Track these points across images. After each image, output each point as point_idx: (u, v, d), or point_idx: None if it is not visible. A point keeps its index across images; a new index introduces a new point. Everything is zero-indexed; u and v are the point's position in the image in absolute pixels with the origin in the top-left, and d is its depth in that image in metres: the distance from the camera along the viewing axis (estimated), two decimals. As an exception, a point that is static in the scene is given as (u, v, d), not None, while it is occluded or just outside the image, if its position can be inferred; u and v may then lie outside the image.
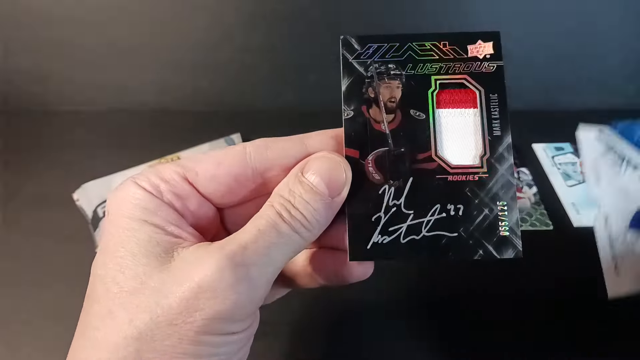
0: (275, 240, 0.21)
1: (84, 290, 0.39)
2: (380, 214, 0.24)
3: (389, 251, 0.24)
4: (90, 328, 0.20)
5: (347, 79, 0.25)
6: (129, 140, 0.55)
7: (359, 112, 0.25)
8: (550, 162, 0.53)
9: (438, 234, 0.24)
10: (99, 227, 0.43)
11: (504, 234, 0.24)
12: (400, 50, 0.25)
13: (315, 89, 0.61)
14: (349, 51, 0.26)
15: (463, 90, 0.25)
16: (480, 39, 0.26)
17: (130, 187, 0.22)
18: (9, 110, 0.58)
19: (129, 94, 0.60)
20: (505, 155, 0.24)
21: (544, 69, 0.60)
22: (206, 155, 0.24)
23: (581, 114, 0.59)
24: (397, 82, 0.25)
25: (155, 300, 0.19)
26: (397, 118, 0.25)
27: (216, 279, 0.19)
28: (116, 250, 0.21)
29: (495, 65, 0.26)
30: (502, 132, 0.25)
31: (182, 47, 0.59)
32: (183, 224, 0.23)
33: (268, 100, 0.61)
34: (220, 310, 0.19)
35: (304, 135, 0.25)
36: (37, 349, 0.36)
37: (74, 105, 0.59)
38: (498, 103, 0.25)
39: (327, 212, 0.23)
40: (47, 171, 0.51)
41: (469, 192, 0.24)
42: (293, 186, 0.22)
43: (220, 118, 0.58)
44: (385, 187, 0.24)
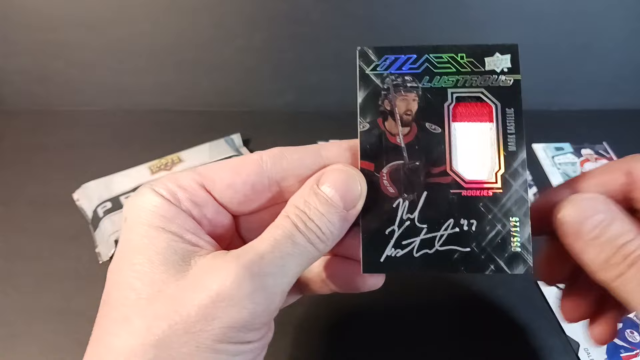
0: (290, 250, 0.21)
1: (84, 290, 0.40)
2: (394, 227, 0.24)
3: (402, 265, 0.24)
4: (107, 334, 0.20)
5: (364, 91, 0.25)
6: (129, 140, 0.55)
7: (374, 125, 0.25)
8: (550, 162, 0.53)
9: (451, 249, 0.24)
10: (99, 227, 0.43)
11: (515, 250, 0.24)
12: (417, 63, 0.25)
13: (316, 90, 0.61)
14: (365, 62, 0.25)
15: (479, 103, 0.25)
16: (498, 51, 0.25)
17: (148, 195, 0.23)
18: (9, 110, 0.58)
19: (129, 94, 0.60)
20: (519, 171, 0.24)
21: (544, 69, 0.60)
22: (223, 163, 0.24)
23: (581, 114, 0.59)
24: (413, 95, 0.25)
25: (173, 308, 0.19)
26: (413, 131, 0.25)
27: (234, 288, 0.20)
28: (134, 257, 0.21)
29: (513, 79, 0.25)
30: (517, 148, 0.24)
31: (182, 47, 0.59)
32: (200, 232, 0.23)
33: (268, 101, 0.61)
34: (237, 319, 0.20)
35: (319, 146, 0.25)
36: (37, 349, 0.36)
37: (74, 105, 0.59)
38: (514, 118, 0.25)
39: (342, 224, 0.23)
40: (47, 171, 0.51)
41: (482, 208, 0.24)
42: (308, 197, 0.23)
43: (220, 118, 0.58)
44: (400, 200, 0.24)
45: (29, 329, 0.37)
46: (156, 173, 0.47)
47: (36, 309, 0.38)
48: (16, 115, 0.58)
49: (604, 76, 0.61)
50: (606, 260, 0.21)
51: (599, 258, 0.21)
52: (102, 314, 0.21)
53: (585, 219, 0.22)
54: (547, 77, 0.61)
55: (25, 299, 0.39)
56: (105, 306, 0.21)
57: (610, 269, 0.21)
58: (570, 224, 0.22)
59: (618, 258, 0.21)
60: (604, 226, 0.21)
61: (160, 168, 0.48)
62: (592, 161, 0.53)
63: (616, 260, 0.21)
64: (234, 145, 0.53)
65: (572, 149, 0.55)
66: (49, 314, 0.38)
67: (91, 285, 0.40)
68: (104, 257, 0.41)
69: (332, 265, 0.27)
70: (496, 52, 0.25)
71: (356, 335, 0.37)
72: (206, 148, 0.51)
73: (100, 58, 0.58)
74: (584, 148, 0.55)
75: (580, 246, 0.22)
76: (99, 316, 0.21)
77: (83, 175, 0.47)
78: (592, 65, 0.60)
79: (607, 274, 0.21)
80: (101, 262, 0.41)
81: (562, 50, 0.60)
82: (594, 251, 0.21)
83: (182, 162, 0.49)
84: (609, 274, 0.21)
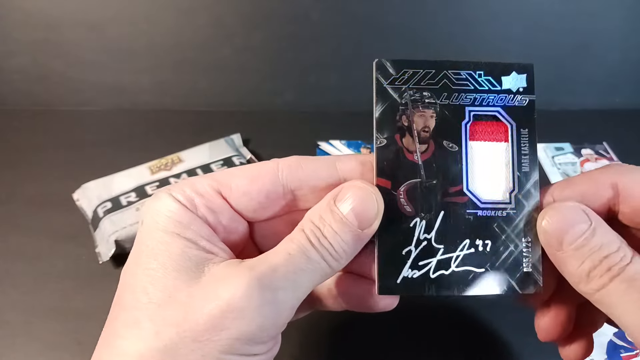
0: (304, 266, 0.21)
1: (84, 290, 0.40)
2: (411, 248, 0.23)
3: (419, 287, 0.23)
4: (116, 337, 0.20)
5: (381, 105, 0.24)
6: (129, 140, 0.55)
7: (392, 141, 0.24)
8: (550, 162, 0.53)
9: (466, 270, 0.24)
10: (99, 227, 0.43)
11: (527, 270, 0.24)
12: (435, 78, 0.24)
13: (315, 90, 0.61)
14: (383, 75, 0.24)
15: (495, 122, 0.25)
16: (515, 70, 0.25)
17: (165, 199, 0.23)
18: (8, 110, 0.58)
19: (129, 94, 0.60)
20: (532, 192, 0.24)
21: (544, 68, 0.60)
22: (240, 170, 0.24)
23: (581, 113, 0.59)
24: (431, 111, 0.24)
25: (183, 315, 0.20)
26: (430, 148, 0.24)
27: (244, 300, 0.20)
28: (148, 262, 0.21)
29: (528, 99, 0.25)
30: (530, 169, 0.24)
31: (182, 47, 0.59)
32: (215, 239, 0.23)
33: (268, 101, 0.61)
34: (245, 331, 0.20)
35: (336, 158, 0.25)
36: (37, 348, 0.36)
37: (74, 105, 0.59)
38: (528, 138, 0.25)
39: (356, 243, 0.22)
40: (47, 171, 0.51)
41: (496, 228, 0.24)
42: (324, 213, 0.22)
43: (220, 118, 0.57)
44: (417, 219, 0.24)
45: (28, 328, 0.37)
46: (156, 173, 0.47)
47: (36, 309, 0.38)
48: (15, 114, 0.58)
49: (604, 76, 0.61)
50: (589, 271, 0.21)
51: (582, 269, 0.21)
52: (113, 316, 0.21)
53: (567, 229, 0.22)
54: (547, 76, 0.60)
55: (25, 299, 0.39)
56: (116, 308, 0.21)
57: (593, 281, 0.21)
58: (553, 233, 0.22)
59: (601, 270, 0.21)
60: (587, 236, 0.21)
61: (160, 168, 0.48)
62: (592, 161, 0.53)
63: (599, 272, 0.21)
64: (234, 145, 0.53)
65: (572, 149, 0.55)
66: (49, 314, 0.38)
67: (91, 286, 0.40)
68: (103, 257, 0.41)
69: (345, 283, 0.27)
70: (513, 71, 0.25)
71: (359, 336, 0.37)
72: (206, 148, 0.51)
73: (100, 58, 0.58)
74: (584, 148, 0.55)
75: (562, 256, 0.22)
76: (110, 317, 0.21)
77: (82, 175, 0.47)
78: (592, 65, 0.60)
79: (590, 285, 0.21)
80: (101, 262, 0.41)
81: (563, 50, 0.60)
82: (577, 262, 0.21)
83: (182, 162, 0.49)
84: (591, 286, 0.21)
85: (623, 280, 0.20)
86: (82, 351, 0.35)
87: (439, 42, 0.59)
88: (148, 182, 0.46)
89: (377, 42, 0.59)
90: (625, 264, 0.20)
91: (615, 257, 0.21)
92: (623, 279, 0.20)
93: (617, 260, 0.21)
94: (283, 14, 0.57)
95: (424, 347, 0.36)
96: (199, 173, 0.48)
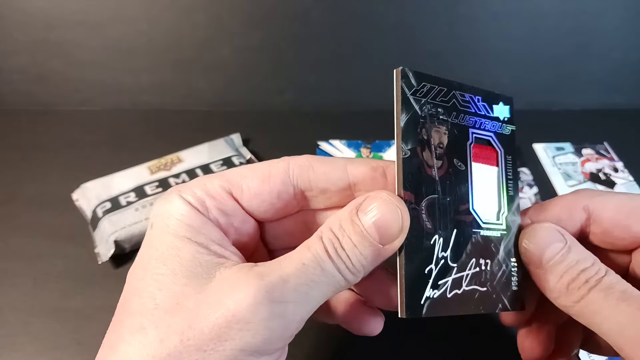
0: (317, 278, 0.20)
1: (83, 291, 0.39)
2: (432, 266, 0.22)
3: (439, 308, 0.22)
4: (120, 341, 0.20)
5: (405, 115, 0.23)
6: (128, 140, 0.55)
7: (414, 153, 0.23)
8: (550, 162, 0.53)
9: (473, 289, 0.24)
10: (98, 227, 0.43)
11: (514, 289, 0.25)
12: (447, 96, 0.24)
13: (315, 89, 0.61)
14: (407, 85, 0.23)
15: (489, 147, 0.26)
16: (502, 101, 0.26)
17: (175, 202, 0.22)
18: (7, 110, 0.58)
19: (129, 94, 0.60)
20: (515, 214, 0.25)
21: (544, 68, 0.60)
22: (249, 169, 0.24)
23: (582, 113, 0.59)
24: (444, 128, 0.24)
25: (188, 323, 0.19)
26: (445, 165, 0.24)
27: (250, 311, 0.19)
28: (157, 267, 0.21)
29: (510, 129, 0.26)
30: (514, 193, 0.26)
31: (182, 46, 0.58)
32: (226, 243, 0.22)
33: (268, 100, 0.61)
34: (250, 343, 0.19)
35: (347, 161, 0.24)
36: (37, 349, 0.36)
37: (73, 105, 0.59)
38: (512, 165, 0.26)
39: (375, 258, 0.21)
40: (46, 171, 0.50)
41: (493, 248, 0.25)
42: (344, 223, 0.21)
43: (220, 118, 0.57)
44: (436, 237, 0.23)
45: (27, 328, 0.37)
46: (155, 173, 0.47)
47: (35, 309, 0.38)
48: (15, 114, 0.57)
49: (605, 75, 0.61)
50: (567, 285, 0.22)
51: (561, 283, 0.22)
52: (118, 319, 0.21)
53: (545, 247, 0.23)
54: (548, 76, 0.60)
55: (24, 299, 0.39)
56: (122, 312, 0.21)
57: (572, 294, 0.22)
58: (533, 252, 0.24)
59: (579, 282, 0.22)
60: (563, 253, 0.23)
61: (160, 168, 0.48)
62: (592, 161, 0.53)
63: (577, 284, 0.22)
64: (234, 145, 0.53)
65: (572, 148, 0.55)
66: (48, 314, 0.38)
67: (90, 286, 0.40)
68: (103, 258, 0.41)
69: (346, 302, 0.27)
70: (500, 102, 0.26)
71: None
72: (205, 148, 0.51)
73: (99, 57, 0.58)
74: (585, 148, 0.55)
75: (542, 272, 0.23)
76: (115, 320, 0.21)
77: (82, 175, 0.47)
78: (592, 65, 0.60)
79: (569, 298, 0.22)
80: (100, 263, 0.41)
81: (563, 50, 0.60)
82: (555, 277, 0.23)
83: (182, 162, 0.49)
84: (570, 298, 0.22)
85: (600, 290, 0.21)
86: (82, 351, 0.35)
87: (439, 42, 0.59)
88: (147, 182, 0.46)
89: (377, 42, 0.59)
90: (601, 276, 0.22)
91: (591, 270, 0.22)
92: (600, 289, 0.21)
93: (593, 273, 0.22)
94: (283, 13, 0.57)
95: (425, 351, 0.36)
96: (198, 173, 0.48)
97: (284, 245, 0.27)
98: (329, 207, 0.25)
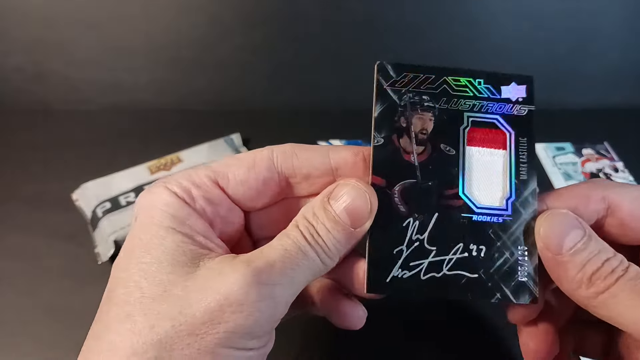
0: (300, 262, 0.21)
1: (82, 291, 0.39)
2: (403, 248, 0.23)
3: (409, 288, 0.23)
4: (108, 331, 0.20)
5: (380, 106, 0.25)
6: (128, 140, 0.55)
7: (389, 141, 0.24)
8: (551, 162, 0.53)
9: (458, 274, 0.24)
10: (98, 227, 0.42)
11: (522, 280, 0.24)
12: (435, 83, 0.25)
13: (315, 89, 0.61)
14: (384, 77, 0.25)
15: (494, 130, 0.25)
16: (515, 81, 0.26)
17: (160, 192, 0.22)
18: (7, 110, 0.58)
19: (128, 94, 0.59)
20: (530, 200, 0.24)
21: (544, 67, 0.60)
22: (234, 158, 0.24)
23: (582, 113, 0.59)
24: (429, 115, 0.25)
25: (178, 309, 0.19)
26: (427, 151, 0.24)
27: (242, 294, 0.19)
28: (142, 256, 0.21)
29: (527, 109, 0.25)
30: (528, 177, 0.25)
31: (181, 46, 0.58)
32: (211, 235, 0.23)
33: (268, 100, 0.61)
34: (242, 325, 0.19)
35: (329, 148, 0.25)
36: (37, 348, 0.36)
37: (73, 105, 0.59)
38: (527, 147, 0.25)
39: (348, 241, 0.23)
40: (46, 171, 0.50)
41: (492, 234, 0.24)
42: (318, 211, 0.22)
43: (219, 118, 0.57)
44: (410, 220, 0.24)
45: (26, 328, 0.37)
46: (155, 173, 0.47)
47: (34, 309, 0.38)
48: (14, 114, 0.57)
49: (605, 75, 0.61)
50: (591, 275, 0.21)
51: (582, 273, 0.21)
52: (104, 310, 0.21)
53: (567, 233, 0.22)
54: (548, 76, 0.60)
55: (24, 299, 0.39)
56: (108, 303, 0.21)
57: (595, 285, 0.21)
58: (552, 238, 0.22)
59: (604, 272, 0.21)
60: (585, 241, 0.21)
61: (160, 168, 0.48)
62: (593, 161, 0.53)
63: (602, 274, 0.21)
64: (234, 145, 0.53)
65: (573, 148, 0.54)
66: (47, 314, 0.38)
67: (90, 286, 0.40)
68: (103, 258, 0.41)
69: (328, 292, 0.27)
70: (513, 82, 0.26)
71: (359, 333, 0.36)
72: (205, 148, 0.51)
73: (98, 57, 0.58)
74: (585, 148, 0.55)
75: (562, 261, 0.22)
76: (100, 312, 0.21)
77: (81, 175, 0.47)
78: (593, 65, 0.60)
79: (592, 289, 0.21)
80: (100, 263, 0.41)
81: (563, 50, 0.60)
82: (577, 267, 0.21)
83: (182, 162, 0.49)
84: (592, 290, 0.21)
85: (628, 279, 0.20)
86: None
87: (439, 42, 0.59)
88: (147, 182, 0.46)
89: (377, 42, 0.59)
90: (626, 266, 0.21)
91: (614, 260, 0.21)
92: (628, 279, 0.20)
93: (618, 263, 0.21)
94: (283, 13, 0.57)
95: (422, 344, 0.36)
96: (198, 173, 0.48)
97: (267, 234, 0.27)
98: (311, 193, 0.26)
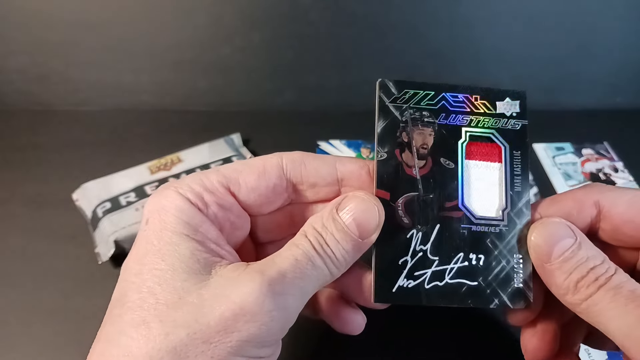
0: (309, 272, 0.22)
1: (83, 291, 0.39)
2: (407, 258, 0.25)
3: (414, 296, 0.24)
4: (121, 335, 0.20)
5: (383, 122, 0.26)
6: (128, 140, 0.55)
7: (392, 155, 0.25)
8: (550, 162, 0.53)
9: (460, 282, 0.25)
10: (98, 227, 0.43)
11: (518, 286, 0.25)
12: (434, 99, 0.26)
13: (315, 90, 0.61)
14: (385, 94, 0.26)
15: (490, 144, 0.26)
16: (509, 97, 0.27)
17: (174, 198, 0.22)
18: (7, 110, 0.58)
19: (129, 94, 0.60)
20: (524, 211, 0.25)
21: (544, 68, 0.60)
22: (243, 164, 0.25)
23: (582, 113, 0.59)
24: (429, 130, 0.26)
25: (194, 317, 0.20)
26: (428, 164, 0.25)
27: (257, 304, 0.20)
28: (155, 262, 0.21)
29: (520, 124, 0.27)
30: (522, 189, 0.26)
31: (181, 46, 0.58)
32: (222, 242, 0.23)
33: (268, 100, 0.61)
34: (255, 334, 0.20)
35: (336, 159, 0.26)
36: (37, 349, 0.36)
37: (73, 105, 0.59)
38: (520, 160, 0.26)
39: (355, 252, 0.23)
40: (46, 171, 0.50)
41: (489, 243, 0.25)
42: (327, 222, 0.23)
43: (220, 118, 0.57)
44: (414, 231, 0.25)
45: (27, 329, 0.37)
46: (155, 173, 0.47)
47: (35, 309, 0.38)
48: (14, 114, 0.57)
49: (605, 75, 0.61)
50: (576, 282, 0.22)
51: (569, 280, 0.22)
52: (116, 314, 0.21)
53: (555, 242, 0.23)
54: (548, 76, 0.60)
55: (24, 299, 0.39)
56: (120, 306, 0.21)
57: (580, 292, 0.22)
58: (542, 247, 0.23)
59: (588, 280, 0.22)
60: (573, 249, 0.22)
61: (160, 168, 0.48)
62: (592, 161, 0.53)
63: (586, 282, 0.22)
64: (234, 145, 0.53)
65: (572, 148, 0.55)
66: (48, 314, 0.38)
67: (90, 286, 0.40)
68: (103, 258, 0.41)
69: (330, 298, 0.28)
70: (507, 97, 0.27)
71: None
72: (205, 148, 0.51)
73: (99, 57, 0.58)
74: (585, 148, 0.55)
75: (550, 269, 0.23)
76: (111, 315, 0.21)
77: (81, 175, 0.47)
78: (593, 65, 0.60)
79: (577, 296, 0.22)
80: (100, 263, 0.41)
81: (563, 50, 0.60)
82: (564, 274, 0.22)
83: (182, 162, 0.49)
84: (578, 296, 0.22)
85: (609, 289, 0.21)
86: (82, 351, 0.35)
87: (439, 42, 0.59)
88: (147, 182, 0.46)
89: (377, 42, 0.59)
90: (611, 274, 0.22)
91: (600, 268, 0.22)
92: (609, 288, 0.21)
93: (603, 271, 0.22)
94: (283, 13, 0.57)
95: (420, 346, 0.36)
96: (198, 173, 0.48)
97: (271, 238, 0.28)
98: (316, 200, 0.27)
